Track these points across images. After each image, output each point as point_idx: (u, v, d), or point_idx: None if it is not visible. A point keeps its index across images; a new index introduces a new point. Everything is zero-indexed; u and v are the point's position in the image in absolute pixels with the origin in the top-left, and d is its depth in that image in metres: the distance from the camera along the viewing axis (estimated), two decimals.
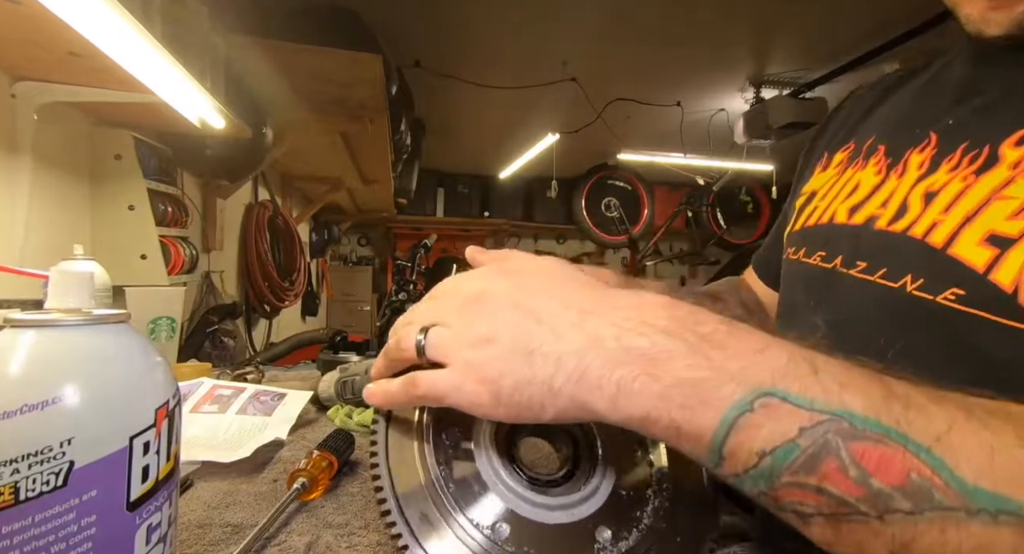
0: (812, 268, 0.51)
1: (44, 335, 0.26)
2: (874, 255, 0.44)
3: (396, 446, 0.38)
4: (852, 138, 0.57)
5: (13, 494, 0.23)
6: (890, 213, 0.44)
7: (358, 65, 1.57)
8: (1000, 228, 0.35)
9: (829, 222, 0.51)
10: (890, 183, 0.46)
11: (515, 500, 0.37)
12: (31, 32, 0.84)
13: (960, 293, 0.36)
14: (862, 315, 0.44)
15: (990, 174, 0.37)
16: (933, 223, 0.39)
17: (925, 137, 0.45)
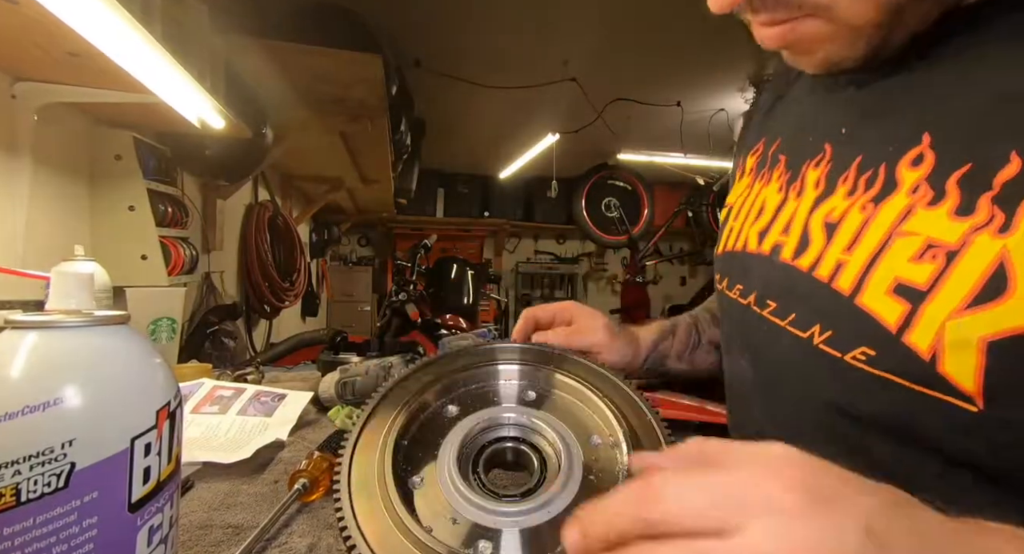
0: (734, 303, 0.50)
1: (45, 336, 0.26)
2: (783, 296, 0.42)
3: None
4: (762, 136, 0.55)
5: (14, 495, 0.23)
6: (793, 242, 0.42)
7: (358, 65, 1.57)
8: (907, 275, 0.32)
9: (743, 249, 0.49)
10: (790, 204, 0.44)
11: (487, 516, 0.37)
12: (31, 33, 0.84)
13: (871, 354, 0.34)
14: (780, 362, 0.43)
15: (889, 202, 0.35)
16: (838, 264, 0.37)
17: (820, 150, 0.43)
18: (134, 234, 1.35)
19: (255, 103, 1.61)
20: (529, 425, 0.46)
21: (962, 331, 0.29)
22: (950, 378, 0.30)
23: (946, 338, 0.30)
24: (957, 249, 0.30)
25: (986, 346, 0.29)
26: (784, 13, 0.35)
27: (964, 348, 0.29)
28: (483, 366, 0.52)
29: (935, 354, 0.31)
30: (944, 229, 0.31)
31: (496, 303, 5.14)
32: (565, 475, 0.40)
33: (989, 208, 0.30)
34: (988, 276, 0.29)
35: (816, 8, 0.34)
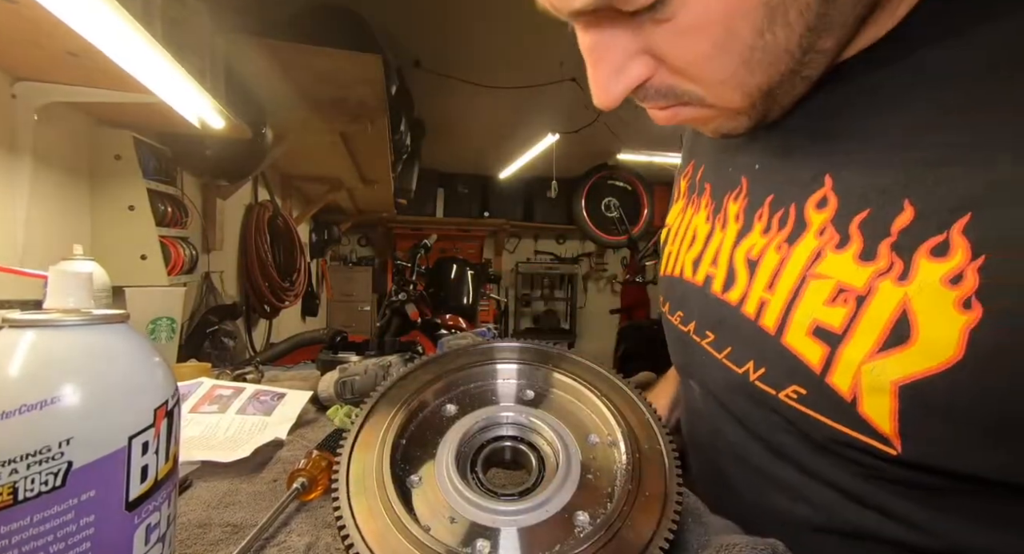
0: (676, 330, 0.51)
1: (43, 335, 0.26)
2: (718, 328, 0.43)
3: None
4: (691, 160, 0.56)
5: (12, 494, 0.23)
6: (722, 275, 0.43)
7: (358, 65, 1.58)
8: (823, 318, 0.33)
9: (680, 276, 0.51)
10: (716, 235, 0.46)
11: (485, 515, 0.37)
12: (30, 32, 0.84)
13: (801, 392, 0.35)
14: (722, 391, 0.44)
15: (801, 243, 0.36)
16: (761, 302, 0.38)
17: (737, 183, 0.45)
18: (134, 234, 1.35)
19: (255, 103, 1.61)
20: (527, 424, 0.46)
21: (876, 375, 0.30)
22: (870, 420, 0.31)
23: (863, 381, 0.31)
24: (864, 294, 0.31)
25: (897, 390, 0.29)
26: (664, 102, 0.37)
27: (879, 392, 0.30)
28: (481, 365, 0.52)
29: (855, 396, 0.31)
30: (851, 274, 0.32)
31: (496, 303, 5.14)
32: (563, 474, 0.40)
33: (889, 255, 0.31)
34: (894, 322, 0.30)
35: (691, 98, 0.36)
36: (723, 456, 0.47)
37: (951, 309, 0.27)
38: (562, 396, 0.49)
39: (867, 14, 0.32)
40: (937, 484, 0.31)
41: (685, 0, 0.30)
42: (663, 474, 0.40)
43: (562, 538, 0.36)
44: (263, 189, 2.72)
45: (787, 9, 0.29)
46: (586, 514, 0.38)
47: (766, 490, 0.42)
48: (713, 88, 0.34)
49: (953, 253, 0.28)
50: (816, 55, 0.32)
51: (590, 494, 0.39)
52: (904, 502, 0.33)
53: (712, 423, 0.48)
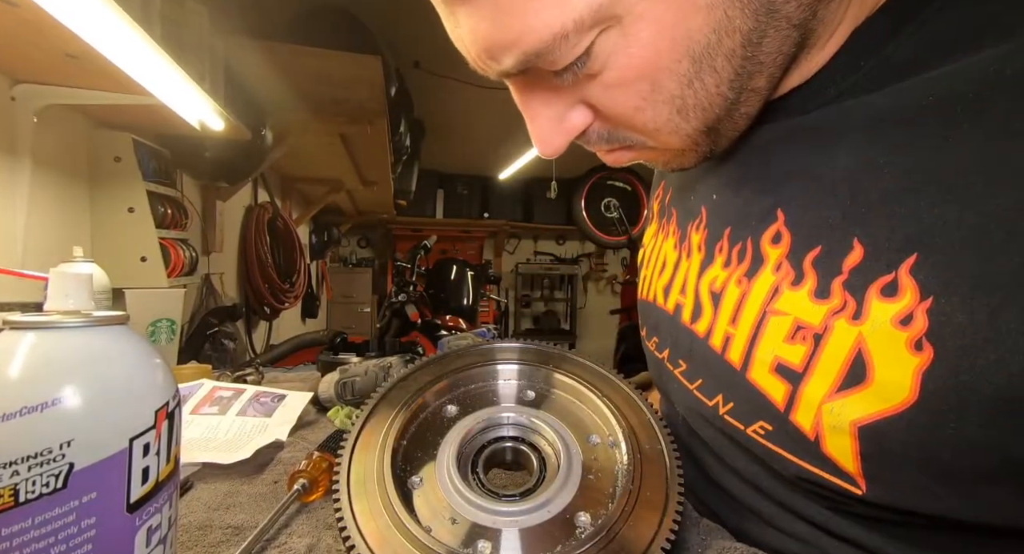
0: (652, 354, 0.51)
1: (43, 337, 0.26)
2: (689, 359, 0.44)
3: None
4: (661, 180, 0.57)
5: (13, 496, 0.23)
6: (690, 305, 0.44)
7: (357, 66, 1.58)
8: (784, 355, 0.33)
9: (653, 301, 0.51)
10: (683, 264, 0.46)
11: (487, 516, 0.37)
12: (30, 34, 0.84)
13: (768, 429, 0.35)
14: (694, 419, 0.45)
15: (759, 279, 0.36)
16: (726, 336, 0.38)
17: (698, 212, 0.45)
18: (133, 236, 1.35)
19: (255, 105, 1.61)
20: (528, 425, 0.46)
21: (835, 415, 0.30)
22: (834, 459, 0.31)
23: (824, 421, 0.30)
24: (821, 332, 0.31)
25: (857, 431, 0.29)
26: (607, 146, 0.38)
27: (839, 432, 0.30)
28: (482, 366, 0.52)
29: (818, 435, 0.31)
30: (808, 311, 0.32)
31: (496, 304, 5.14)
32: (564, 475, 0.40)
33: (842, 293, 0.30)
34: (850, 361, 0.29)
35: (634, 142, 0.36)
36: (700, 482, 0.47)
37: (903, 350, 0.27)
38: (563, 396, 0.49)
39: (797, 52, 0.32)
40: (908, 521, 0.31)
41: (608, 57, 0.30)
42: (664, 475, 0.40)
43: (563, 539, 0.36)
44: (263, 190, 2.72)
45: (713, 57, 0.29)
46: (587, 515, 0.38)
47: (743, 518, 0.42)
48: (651, 135, 0.34)
49: (902, 293, 0.27)
50: (751, 93, 0.32)
51: (591, 495, 0.39)
52: (877, 536, 0.33)
53: (689, 448, 0.48)
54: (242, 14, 1.53)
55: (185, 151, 1.60)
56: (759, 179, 0.38)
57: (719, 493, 0.45)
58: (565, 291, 6.13)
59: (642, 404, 0.46)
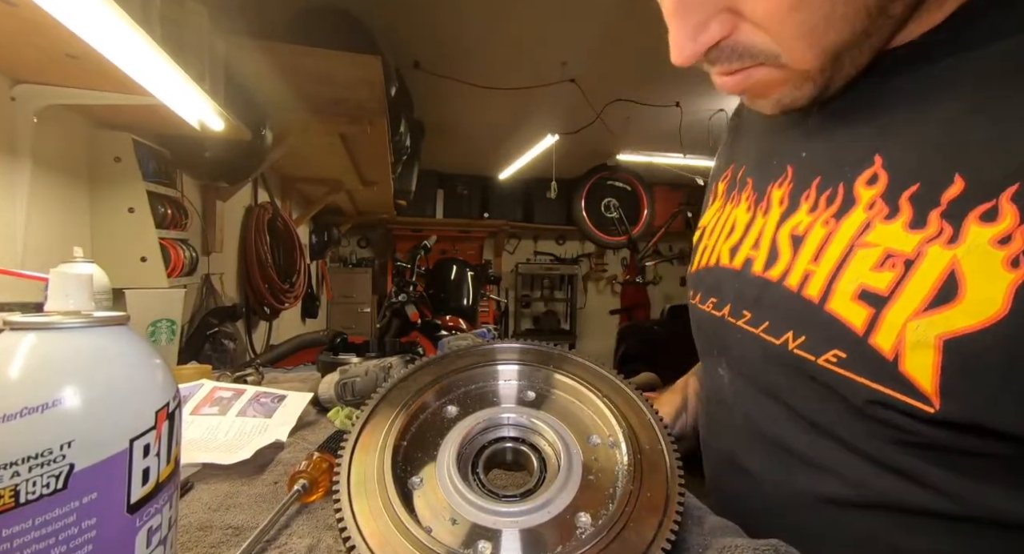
0: (708, 316, 0.52)
1: (44, 338, 0.26)
2: (756, 305, 0.44)
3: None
4: (730, 164, 0.58)
5: (13, 497, 0.23)
6: (763, 256, 0.45)
7: (357, 66, 1.58)
8: (870, 282, 0.35)
9: (716, 264, 0.52)
10: (758, 222, 0.47)
11: (487, 516, 0.37)
12: (29, 35, 0.84)
13: (841, 356, 0.36)
14: (757, 366, 0.45)
15: (849, 217, 0.38)
16: (805, 274, 0.39)
17: (782, 171, 0.46)
18: (133, 236, 1.35)
19: (255, 105, 1.61)
20: (528, 425, 0.46)
21: (921, 331, 0.32)
22: (911, 377, 0.32)
23: (907, 339, 0.32)
24: (913, 258, 0.33)
25: (942, 344, 0.31)
26: (738, 63, 0.39)
27: (923, 347, 0.32)
28: (482, 366, 0.52)
29: (897, 354, 0.33)
30: (901, 240, 0.34)
31: (496, 304, 5.14)
32: (565, 475, 0.40)
33: (939, 222, 0.33)
34: (942, 282, 0.31)
35: (766, 57, 0.37)
36: (747, 442, 0.47)
37: (999, 268, 0.29)
38: (563, 397, 0.49)
39: (911, 12, 0.36)
40: (973, 447, 0.32)
41: None
42: (665, 475, 0.40)
43: (564, 539, 0.36)
44: (263, 191, 2.72)
45: None
46: (588, 515, 0.38)
47: (793, 469, 0.43)
48: (790, 44, 0.36)
49: (1002, 218, 0.30)
50: (886, 20, 0.35)
51: (592, 495, 0.39)
52: (937, 469, 0.34)
53: (741, 407, 0.48)
54: (242, 14, 1.53)
55: (185, 151, 1.60)
56: (858, 129, 0.40)
57: (770, 449, 0.45)
58: (565, 291, 6.13)
59: (643, 405, 0.46)
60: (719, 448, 0.53)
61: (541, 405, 0.48)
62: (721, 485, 0.53)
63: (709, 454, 0.56)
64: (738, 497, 0.48)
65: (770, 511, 0.45)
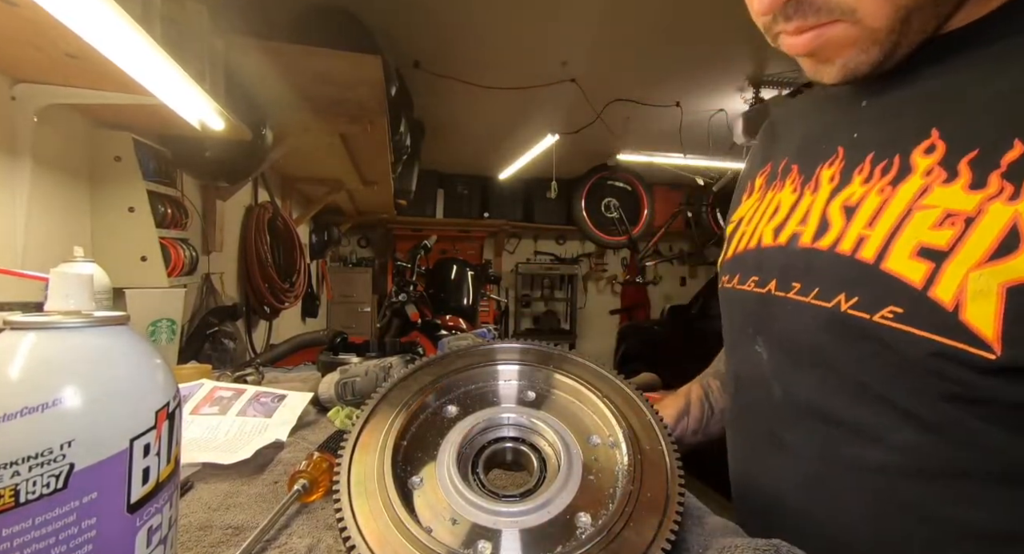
0: (747, 294, 0.52)
1: (44, 337, 0.26)
2: (805, 275, 0.44)
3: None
4: (768, 161, 0.58)
5: (13, 496, 0.23)
6: (811, 229, 0.45)
7: (358, 66, 1.57)
8: (929, 239, 0.36)
9: (757, 245, 0.52)
10: (806, 199, 0.47)
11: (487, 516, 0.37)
12: (30, 34, 0.83)
13: (898, 311, 0.36)
14: (804, 336, 0.45)
15: (906, 184, 0.39)
16: (860, 238, 0.40)
17: (832, 152, 0.47)
18: (134, 235, 1.34)
19: (255, 104, 1.61)
20: (528, 425, 0.46)
21: (983, 281, 0.33)
22: (971, 326, 0.33)
23: (968, 288, 0.33)
24: (974, 216, 0.34)
25: (1005, 291, 0.32)
26: (813, 19, 0.40)
27: (985, 296, 0.33)
28: (482, 366, 0.52)
29: (958, 304, 0.34)
30: (960, 200, 0.35)
31: (496, 304, 5.14)
32: (564, 475, 0.40)
33: (999, 182, 0.34)
34: (1004, 235, 0.33)
35: (843, 13, 0.39)
36: (787, 417, 0.47)
37: None
38: (563, 397, 0.49)
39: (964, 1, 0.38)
40: None
41: None
42: (665, 475, 0.40)
43: (564, 539, 0.36)
44: (263, 190, 2.72)
45: None
46: (588, 515, 0.38)
47: (837, 439, 0.42)
48: (867, 2, 0.37)
49: None
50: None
51: (592, 495, 0.39)
52: (993, 428, 0.35)
53: (781, 381, 0.48)
54: (242, 14, 1.53)
55: (185, 151, 1.60)
56: (912, 109, 0.42)
57: (811, 423, 0.45)
58: (565, 291, 6.13)
59: (643, 405, 0.46)
60: (752, 429, 0.52)
61: (541, 405, 0.48)
62: (753, 466, 0.52)
63: (739, 437, 0.56)
64: (775, 475, 0.48)
65: (810, 485, 0.44)
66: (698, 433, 0.69)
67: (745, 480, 0.54)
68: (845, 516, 0.40)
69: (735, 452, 0.56)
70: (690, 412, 0.69)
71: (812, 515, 0.44)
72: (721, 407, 0.69)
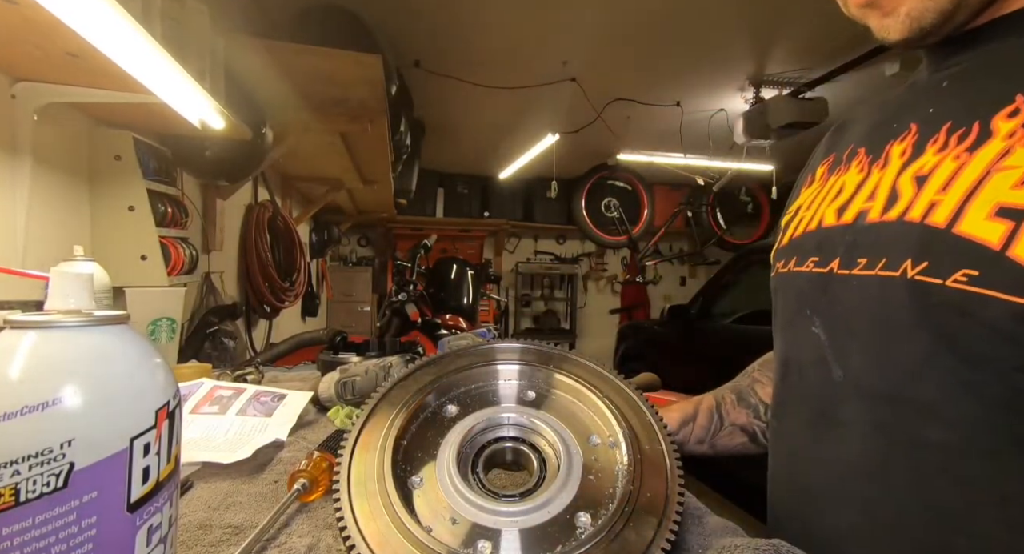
0: (805, 275, 0.50)
1: (44, 336, 0.26)
2: (872, 249, 0.43)
3: None
4: (832, 151, 0.57)
5: (13, 495, 0.23)
6: (879, 204, 0.43)
7: (358, 66, 1.57)
8: (1008, 199, 0.34)
9: (818, 227, 0.50)
10: (873, 177, 0.46)
11: (487, 516, 0.37)
12: (30, 33, 0.83)
13: (973, 274, 0.35)
14: (864, 312, 0.43)
15: (985, 148, 0.37)
16: (931, 203, 0.39)
17: (905, 129, 0.45)
18: (134, 234, 1.34)
19: (255, 103, 1.61)
20: (528, 425, 0.46)
21: None
22: None
23: None
24: None
25: None
26: None
27: None
28: (483, 366, 0.52)
29: None
30: None
31: (496, 303, 5.14)
32: (564, 475, 0.40)
33: None
34: None
35: None
36: (844, 396, 0.45)
37: None
38: (563, 397, 0.49)
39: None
40: None
41: None
42: (664, 475, 0.40)
43: (564, 539, 0.36)
44: (263, 189, 2.72)
45: None
46: (588, 515, 0.38)
47: (895, 418, 0.41)
48: None
49: None
50: None
51: (592, 495, 0.39)
52: None
53: (840, 361, 0.46)
54: (243, 13, 1.53)
55: (185, 150, 1.60)
56: (991, 80, 0.41)
57: (871, 401, 0.43)
58: (565, 291, 6.13)
59: (643, 405, 0.46)
60: (802, 411, 0.50)
61: (541, 405, 0.48)
62: (802, 448, 0.50)
63: (787, 421, 0.53)
64: (827, 454, 0.46)
65: (862, 467, 0.43)
66: (704, 443, 0.68)
67: (792, 461, 0.51)
68: (899, 495, 0.39)
69: (780, 437, 0.54)
70: (696, 420, 0.68)
71: (863, 494, 0.42)
72: (733, 421, 0.68)
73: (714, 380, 0.73)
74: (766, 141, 3.21)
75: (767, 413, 0.65)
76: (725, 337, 2.72)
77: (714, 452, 0.68)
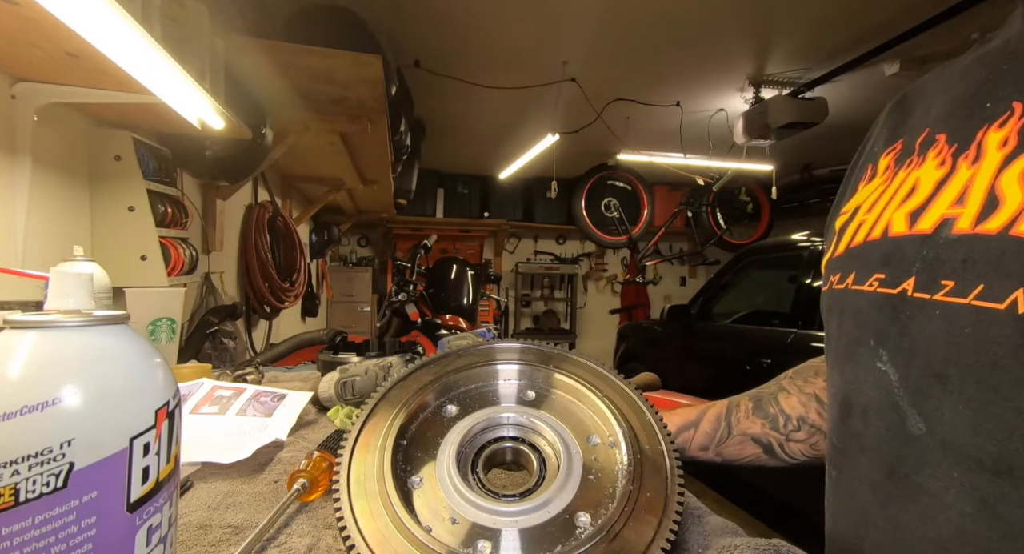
0: (868, 296, 0.40)
1: (44, 336, 0.26)
2: (963, 270, 0.34)
3: None
4: (899, 138, 0.46)
5: (13, 495, 0.23)
6: (972, 210, 0.34)
7: (358, 66, 1.57)
8: None
9: (883, 235, 0.40)
10: (960, 174, 0.36)
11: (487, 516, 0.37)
12: (30, 33, 0.83)
13: None
14: (955, 351, 0.34)
15: None
16: None
17: (1005, 110, 0.35)
18: (134, 234, 1.35)
19: (255, 103, 1.61)
20: (528, 425, 0.46)
21: None
22: None
23: None
24: None
25: None
26: None
27: None
28: (482, 366, 0.52)
29: None
30: None
31: (496, 303, 5.14)
32: (564, 475, 0.40)
33: None
34: None
35: None
36: (927, 456, 0.36)
37: None
38: (563, 397, 0.49)
39: None
40: None
41: None
42: (664, 475, 0.40)
43: (563, 539, 0.36)
44: (263, 189, 2.72)
45: None
46: (587, 515, 0.38)
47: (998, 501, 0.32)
48: None
49: None
50: None
51: (591, 495, 0.39)
52: None
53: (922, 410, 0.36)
54: (243, 13, 1.53)
55: (185, 150, 1.60)
56: None
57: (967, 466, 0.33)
58: (565, 291, 6.13)
59: (643, 405, 0.46)
60: (869, 469, 0.41)
61: (541, 405, 0.48)
62: (874, 516, 0.40)
63: (848, 477, 0.43)
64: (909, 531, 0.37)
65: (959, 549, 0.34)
66: (708, 450, 0.64)
67: (862, 526, 0.41)
68: None
69: (839, 495, 0.45)
70: (699, 426, 0.65)
71: None
72: (743, 430, 0.62)
73: (714, 380, 0.73)
74: (766, 141, 3.21)
75: (787, 425, 0.60)
76: (725, 337, 2.73)
77: (722, 460, 0.64)
